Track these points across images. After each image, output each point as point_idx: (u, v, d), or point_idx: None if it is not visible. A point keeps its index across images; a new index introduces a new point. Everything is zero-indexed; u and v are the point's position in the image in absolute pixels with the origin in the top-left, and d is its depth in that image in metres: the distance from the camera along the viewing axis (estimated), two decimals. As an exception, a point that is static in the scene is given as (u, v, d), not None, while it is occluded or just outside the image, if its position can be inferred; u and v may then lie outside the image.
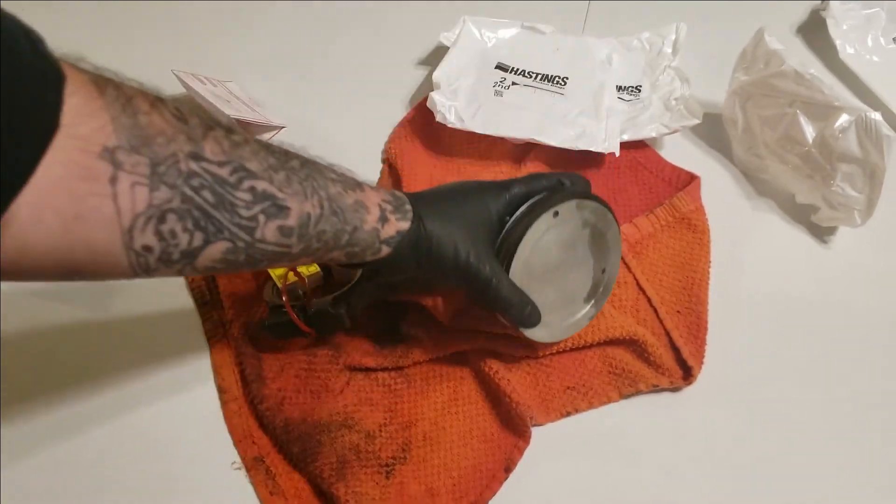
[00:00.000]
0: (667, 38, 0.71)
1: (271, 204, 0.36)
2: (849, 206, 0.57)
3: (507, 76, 0.67)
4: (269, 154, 0.37)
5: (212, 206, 0.33)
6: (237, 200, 0.34)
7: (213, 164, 0.33)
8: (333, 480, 0.48)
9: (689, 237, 0.59)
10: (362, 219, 0.41)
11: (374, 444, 0.50)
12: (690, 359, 0.53)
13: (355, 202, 0.41)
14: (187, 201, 0.32)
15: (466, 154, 0.65)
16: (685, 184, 0.62)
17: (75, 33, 0.78)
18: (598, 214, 0.48)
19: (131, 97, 0.31)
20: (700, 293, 0.56)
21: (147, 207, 0.31)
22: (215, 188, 0.33)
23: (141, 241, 0.32)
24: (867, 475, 0.50)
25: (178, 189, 0.32)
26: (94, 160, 0.30)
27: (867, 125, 0.54)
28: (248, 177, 0.35)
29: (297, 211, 0.37)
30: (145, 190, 0.31)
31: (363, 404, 0.51)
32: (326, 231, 0.39)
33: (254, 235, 0.35)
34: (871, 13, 0.74)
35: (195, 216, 0.33)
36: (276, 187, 0.36)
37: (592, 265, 0.51)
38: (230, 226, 0.34)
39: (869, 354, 0.55)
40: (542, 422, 0.51)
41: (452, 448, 0.50)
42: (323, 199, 0.39)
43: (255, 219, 0.35)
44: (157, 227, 0.32)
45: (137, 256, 0.32)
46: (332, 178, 0.40)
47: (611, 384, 0.53)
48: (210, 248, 0.34)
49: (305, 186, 0.38)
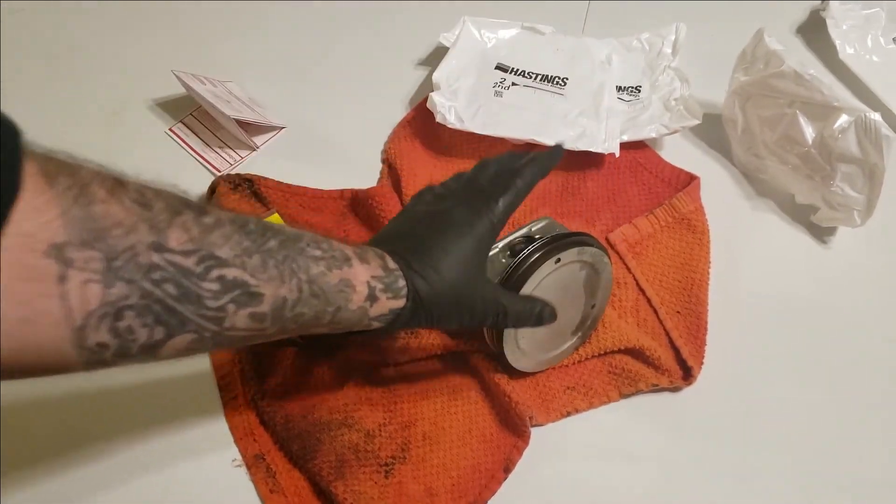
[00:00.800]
0: (666, 39, 0.71)
1: (242, 292, 0.33)
2: (848, 206, 0.57)
3: (506, 77, 0.67)
4: (243, 236, 0.34)
5: (174, 300, 0.31)
6: (204, 292, 0.32)
7: (178, 255, 0.31)
8: (332, 479, 0.48)
9: (689, 238, 0.59)
10: (347, 298, 0.38)
11: (374, 443, 0.50)
12: (690, 359, 0.53)
13: (340, 281, 0.38)
14: (147, 296, 0.30)
15: (466, 155, 0.65)
16: (685, 184, 0.62)
17: (75, 33, 0.78)
18: (596, 258, 0.49)
19: (86, 184, 0.29)
20: (700, 293, 0.56)
21: (101, 305, 0.29)
22: (179, 280, 0.31)
23: (94, 338, 0.30)
24: (867, 475, 0.50)
25: (136, 284, 0.30)
26: (40, 259, 0.27)
27: (867, 125, 0.54)
28: (218, 265, 0.32)
29: (271, 296, 0.35)
30: (98, 287, 0.29)
31: (363, 403, 0.51)
32: (305, 313, 0.37)
33: (222, 325, 0.33)
34: (870, 13, 0.74)
35: (156, 311, 0.31)
36: (249, 273, 0.34)
37: (584, 302, 0.51)
38: (195, 318, 0.32)
39: (868, 355, 0.55)
40: (543, 422, 0.51)
41: (451, 448, 0.50)
42: (302, 281, 0.36)
43: (223, 309, 0.33)
44: (112, 325, 0.30)
45: (91, 353, 0.30)
46: (314, 257, 0.37)
47: (611, 384, 0.53)
48: (173, 341, 0.32)
49: (283, 269, 0.35)
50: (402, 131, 0.67)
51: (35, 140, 0.29)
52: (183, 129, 0.68)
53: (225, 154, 0.67)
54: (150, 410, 0.52)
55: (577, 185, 0.63)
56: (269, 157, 0.67)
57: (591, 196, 0.62)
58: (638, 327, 0.55)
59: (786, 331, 0.56)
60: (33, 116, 0.79)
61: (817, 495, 0.49)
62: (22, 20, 0.80)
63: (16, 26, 0.79)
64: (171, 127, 0.69)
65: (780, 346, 0.55)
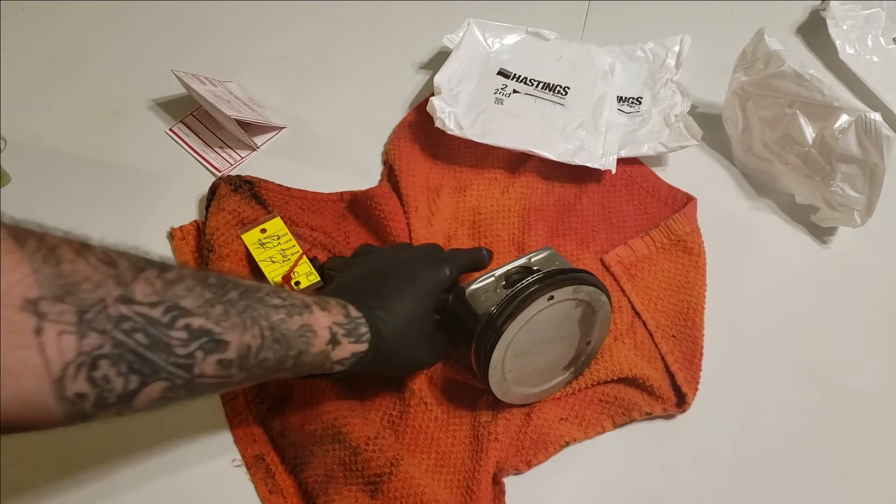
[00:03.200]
0: (670, 50, 0.70)
1: (208, 339, 0.35)
2: (848, 206, 0.57)
3: (508, 83, 0.67)
4: (204, 289, 0.36)
5: (146, 348, 0.33)
6: (172, 340, 0.34)
7: (145, 306, 0.33)
8: (317, 494, 0.47)
9: (685, 260, 0.58)
10: (308, 342, 0.41)
11: (361, 458, 0.48)
12: (685, 385, 0.52)
13: (301, 327, 0.40)
14: (119, 345, 0.32)
15: (463, 161, 0.65)
16: (681, 204, 0.61)
17: (75, 33, 0.78)
18: (593, 296, 0.47)
19: (55, 247, 0.31)
20: (696, 318, 0.55)
21: (77, 355, 0.31)
22: (148, 330, 0.33)
23: (73, 389, 0.31)
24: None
25: (108, 334, 0.31)
26: (17, 313, 0.29)
27: (867, 126, 0.54)
28: (183, 315, 0.34)
29: (236, 343, 0.37)
30: (73, 338, 0.30)
31: (356, 416, 0.50)
32: (269, 359, 0.39)
33: (192, 372, 0.35)
34: (870, 13, 0.74)
35: (129, 359, 0.32)
36: (213, 322, 0.36)
37: (578, 338, 0.50)
38: (166, 365, 0.34)
39: (872, 381, 0.54)
40: (543, 460, 0.50)
41: (436, 475, 0.49)
42: (264, 328, 0.38)
43: (192, 356, 0.35)
44: (89, 374, 0.31)
45: (71, 405, 0.32)
46: (274, 305, 0.40)
47: (604, 413, 0.52)
48: (147, 389, 0.34)
49: (244, 318, 0.37)
50: (402, 132, 0.67)
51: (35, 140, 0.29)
52: (183, 129, 0.68)
53: (225, 154, 0.67)
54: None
55: (573, 201, 0.62)
56: (270, 157, 0.67)
57: (587, 213, 0.62)
58: (634, 350, 0.54)
59: (783, 342, 0.56)
60: (33, 116, 0.79)
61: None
62: (22, 20, 0.80)
63: (16, 26, 0.79)
64: (171, 127, 0.69)
65: (776, 360, 0.55)
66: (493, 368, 0.45)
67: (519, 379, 0.48)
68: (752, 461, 0.50)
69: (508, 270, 0.49)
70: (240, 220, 0.59)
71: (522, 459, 0.49)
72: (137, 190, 0.64)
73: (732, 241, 0.60)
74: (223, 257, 0.56)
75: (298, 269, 0.55)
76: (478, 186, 0.63)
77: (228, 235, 0.58)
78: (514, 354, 0.46)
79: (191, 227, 0.60)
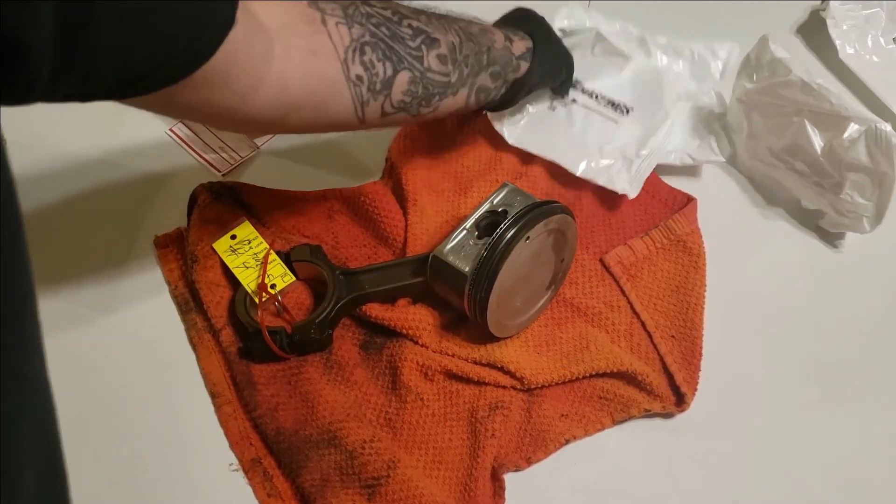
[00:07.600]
0: (716, 59, 0.65)
1: (426, 36, 0.45)
2: (857, 213, 0.57)
3: (575, 95, 0.64)
4: (399, 5, 0.46)
5: (390, 39, 0.43)
6: (403, 34, 0.44)
7: (378, 7, 0.43)
8: (314, 498, 0.47)
9: (685, 260, 0.58)
10: (492, 40, 0.50)
11: (358, 461, 0.48)
12: (684, 385, 0.52)
13: (481, 29, 0.50)
14: (374, 35, 0.42)
15: (468, 156, 0.64)
16: (681, 205, 0.61)
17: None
18: (562, 222, 0.50)
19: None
20: (695, 318, 0.55)
21: (351, 41, 0.40)
22: (388, 25, 0.43)
23: (354, 70, 0.41)
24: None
25: (365, 27, 0.41)
26: (306, 8, 0.39)
27: (877, 136, 0.53)
28: (404, 17, 0.44)
29: (444, 41, 0.46)
30: (345, 27, 0.40)
31: (351, 419, 0.50)
32: (469, 56, 0.48)
33: (423, 64, 0.45)
34: (870, 13, 0.74)
35: (382, 48, 0.42)
36: (424, 24, 0.46)
37: (553, 260, 0.53)
38: (406, 55, 0.44)
39: (878, 388, 0.54)
40: (543, 457, 0.50)
41: (433, 475, 0.49)
42: (458, 29, 0.48)
43: (419, 49, 0.44)
44: (360, 58, 0.41)
45: (354, 86, 0.41)
46: (454, 17, 0.49)
47: (602, 409, 0.52)
48: (398, 76, 0.43)
49: (442, 23, 0.47)
50: (406, 129, 0.66)
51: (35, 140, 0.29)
52: (183, 129, 0.68)
53: (225, 154, 0.67)
54: (147, 414, 0.52)
55: (573, 201, 0.62)
56: (270, 156, 0.67)
57: (587, 213, 0.61)
58: (631, 352, 0.54)
59: (783, 343, 0.56)
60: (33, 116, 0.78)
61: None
62: (21, 20, 0.79)
63: (15, 26, 0.79)
64: (171, 127, 0.68)
65: (778, 363, 0.55)
66: (490, 316, 0.49)
67: (510, 313, 0.52)
68: (751, 461, 0.50)
69: (477, 219, 0.51)
70: (225, 230, 0.57)
71: (522, 456, 0.50)
72: (137, 190, 0.64)
73: (735, 243, 0.60)
74: (207, 268, 0.56)
75: (272, 272, 0.54)
76: (479, 188, 0.62)
77: (211, 246, 0.57)
78: (503, 298, 0.49)
79: (174, 234, 0.60)
